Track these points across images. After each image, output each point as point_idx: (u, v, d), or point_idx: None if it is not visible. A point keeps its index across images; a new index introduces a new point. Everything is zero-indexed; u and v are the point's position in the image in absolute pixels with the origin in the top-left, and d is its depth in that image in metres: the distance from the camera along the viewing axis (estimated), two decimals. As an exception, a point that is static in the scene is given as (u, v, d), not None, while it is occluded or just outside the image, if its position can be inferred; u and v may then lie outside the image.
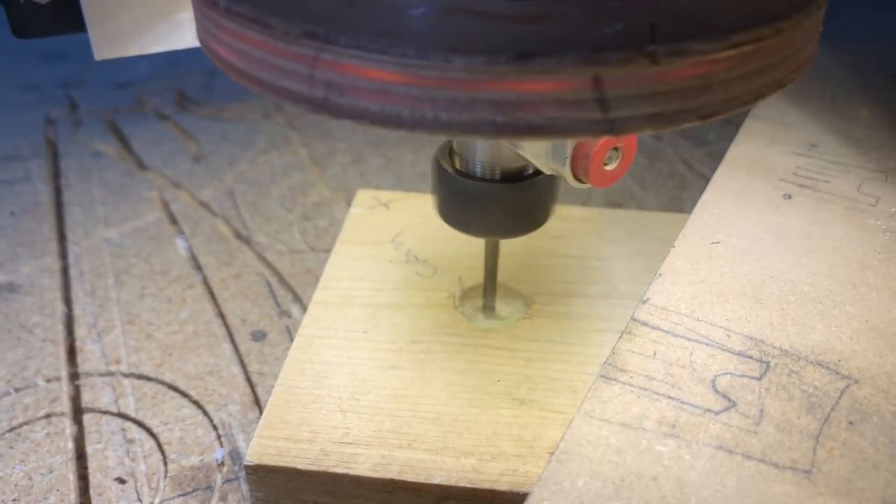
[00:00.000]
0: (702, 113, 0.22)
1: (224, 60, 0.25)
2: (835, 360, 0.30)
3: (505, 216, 0.34)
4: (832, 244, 0.36)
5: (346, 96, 0.22)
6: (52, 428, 0.38)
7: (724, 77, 0.22)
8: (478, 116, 0.21)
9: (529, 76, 0.20)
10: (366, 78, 0.21)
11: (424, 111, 0.21)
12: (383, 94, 0.21)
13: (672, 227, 0.39)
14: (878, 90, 0.51)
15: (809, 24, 0.24)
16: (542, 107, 0.21)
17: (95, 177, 0.60)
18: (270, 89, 0.23)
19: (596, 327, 0.39)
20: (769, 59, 0.23)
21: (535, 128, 0.21)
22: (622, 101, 0.21)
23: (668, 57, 0.21)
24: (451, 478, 0.31)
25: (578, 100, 0.21)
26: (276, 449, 0.32)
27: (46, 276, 0.49)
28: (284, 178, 0.59)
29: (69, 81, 0.74)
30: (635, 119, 0.21)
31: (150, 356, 0.43)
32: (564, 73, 0.20)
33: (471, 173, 0.34)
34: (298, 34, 0.21)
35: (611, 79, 0.21)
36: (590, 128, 0.21)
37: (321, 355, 0.37)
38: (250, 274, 0.49)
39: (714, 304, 0.32)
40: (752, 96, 0.23)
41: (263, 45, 0.23)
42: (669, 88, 0.21)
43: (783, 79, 0.24)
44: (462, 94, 0.21)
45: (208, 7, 0.24)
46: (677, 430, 0.27)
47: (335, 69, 0.21)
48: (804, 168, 0.42)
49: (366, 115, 0.22)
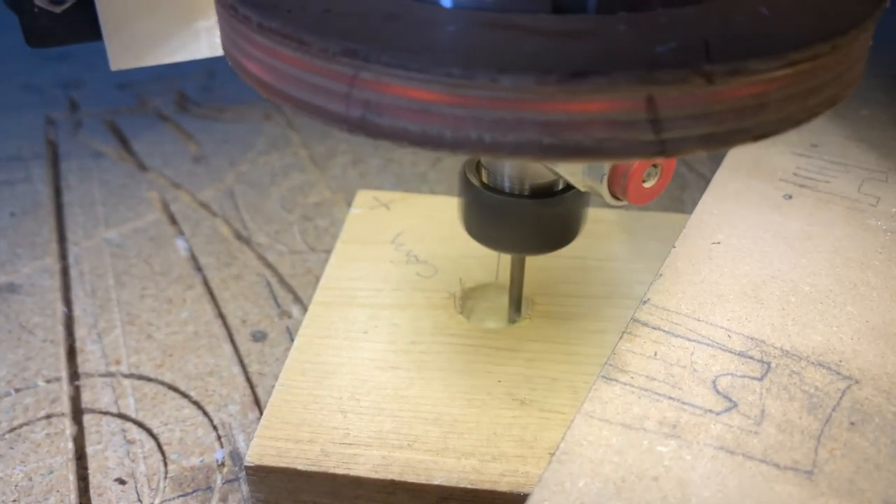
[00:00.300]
0: (756, 133, 0.21)
1: (254, 76, 0.24)
2: (836, 360, 0.30)
3: (532, 232, 0.34)
4: (833, 244, 0.35)
5: (384, 116, 0.21)
6: (52, 428, 0.38)
7: (779, 96, 0.21)
8: (524, 137, 0.20)
9: (580, 96, 0.19)
10: (407, 97, 0.20)
11: (468, 132, 0.20)
12: (425, 113, 0.20)
13: (672, 227, 0.39)
14: (879, 90, 0.51)
15: (864, 39, 0.23)
16: (593, 127, 0.20)
17: (96, 177, 0.59)
18: (304, 108, 0.22)
19: (596, 328, 0.39)
20: (825, 77, 0.22)
21: (584, 149, 0.20)
22: (675, 121, 0.20)
23: (724, 76, 0.20)
24: (451, 478, 0.31)
25: (631, 120, 0.20)
26: (277, 449, 0.32)
27: (47, 276, 0.49)
28: (285, 179, 0.59)
29: (70, 82, 0.74)
30: (688, 140, 0.21)
31: (151, 357, 0.43)
32: (618, 92, 0.19)
33: (498, 188, 0.33)
34: (337, 52, 0.20)
35: (665, 99, 0.20)
36: (641, 149, 0.20)
37: (321, 356, 0.37)
38: (250, 274, 0.49)
39: (715, 304, 0.32)
40: (807, 115, 0.22)
41: (298, 62, 0.22)
42: (724, 108, 0.20)
43: (836, 96, 0.23)
44: (509, 114, 0.20)
45: (239, 21, 0.23)
46: (678, 431, 0.27)
47: (375, 88, 0.21)
48: (804, 168, 0.42)
49: (405, 136, 0.21)
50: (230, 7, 0.23)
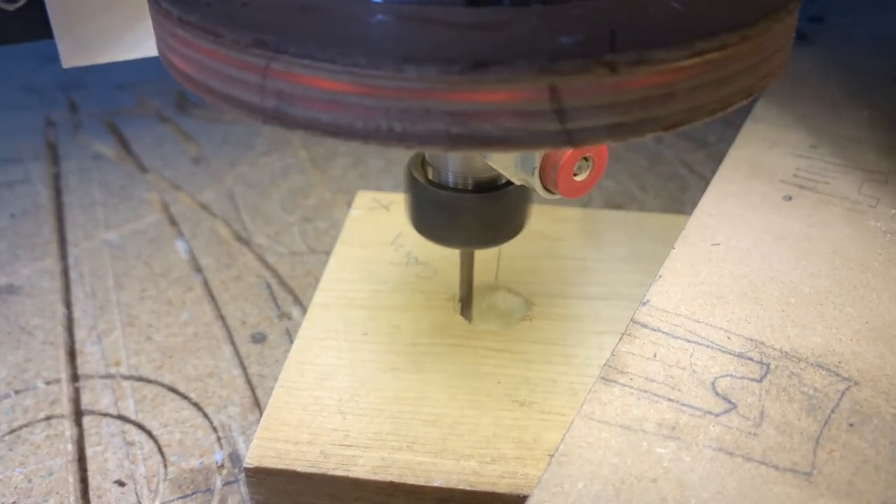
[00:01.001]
0: (665, 123, 0.22)
1: (179, 71, 0.24)
2: (835, 361, 0.30)
3: (478, 226, 0.34)
4: (832, 245, 0.35)
5: (297, 107, 0.21)
6: (51, 430, 0.38)
7: (688, 86, 0.21)
8: (432, 127, 0.20)
9: (484, 86, 0.20)
10: (317, 88, 0.21)
11: (378, 121, 0.21)
12: (335, 104, 0.21)
13: (672, 228, 0.39)
14: (879, 92, 0.51)
15: (780, 30, 0.23)
16: (498, 117, 0.20)
17: (95, 179, 0.60)
18: (223, 99, 0.23)
19: (596, 329, 0.39)
20: (736, 67, 0.22)
21: (492, 139, 0.21)
22: (581, 111, 0.20)
23: (628, 66, 0.20)
24: (450, 480, 0.31)
25: (535, 110, 0.20)
26: (276, 451, 0.32)
27: (46, 278, 0.49)
28: (284, 180, 0.59)
29: (69, 83, 0.74)
30: (595, 130, 0.21)
31: (150, 358, 0.43)
32: (520, 82, 0.20)
33: (443, 183, 0.33)
34: (248, 43, 0.21)
35: (568, 89, 0.20)
36: (548, 139, 0.21)
37: (321, 357, 0.37)
38: (250, 276, 0.49)
39: (714, 305, 0.32)
40: (719, 105, 0.22)
41: (215, 54, 0.22)
42: (630, 98, 0.21)
43: (752, 86, 0.23)
44: (416, 104, 0.20)
45: (163, 17, 0.24)
46: (677, 432, 0.27)
47: (286, 79, 0.21)
48: (804, 169, 0.42)
49: (317, 126, 0.21)
50: (154, 2, 0.24)
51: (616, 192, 0.58)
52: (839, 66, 0.55)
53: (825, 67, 0.55)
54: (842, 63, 0.56)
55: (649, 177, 0.60)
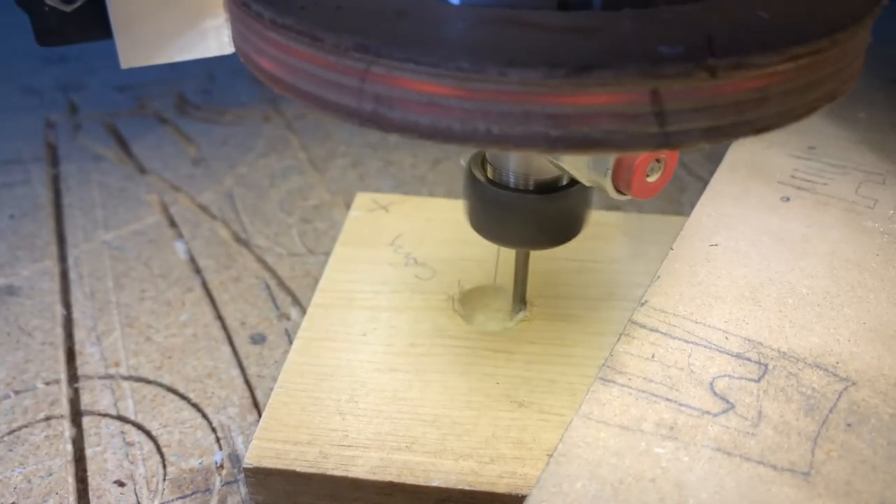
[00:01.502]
0: (758, 126, 0.22)
1: (267, 73, 0.24)
2: (833, 362, 0.30)
3: (537, 227, 0.34)
4: (830, 246, 0.36)
5: (395, 110, 0.21)
6: (51, 431, 0.38)
7: (780, 90, 0.22)
8: (532, 130, 0.21)
9: (587, 89, 0.20)
10: (417, 91, 0.21)
11: (476, 124, 0.21)
12: (435, 107, 0.21)
13: (670, 229, 0.39)
14: (876, 93, 0.51)
15: (862, 35, 0.24)
16: (599, 120, 0.21)
17: (95, 180, 0.60)
18: (316, 102, 0.23)
19: (594, 330, 0.39)
20: (825, 71, 0.22)
21: (591, 141, 0.21)
22: (679, 114, 0.21)
23: (727, 70, 0.20)
24: (449, 480, 0.31)
25: (636, 113, 0.20)
26: (275, 451, 0.32)
27: (46, 279, 0.49)
28: (284, 182, 0.60)
29: (69, 85, 0.74)
30: (692, 132, 0.21)
31: (150, 359, 0.43)
32: (623, 86, 0.20)
33: (503, 183, 0.33)
34: (349, 47, 0.21)
35: (669, 92, 0.20)
36: (646, 141, 0.21)
37: (320, 358, 0.37)
38: (249, 277, 0.49)
39: (712, 306, 0.32)
40: (807, 109, 0.23)
41: (311, 57, 0.22)
42: (727, 102, 0.21)
43: (835, 90, 0.24)
44: (517, 107, 0.20)
45: (251, 18, 0.24)
46: (676, 432, 0.27)
47: (386, 82, 0.21)
48: (802, 170, 0.42)
49: (415, 129, 0.21)
50: (242, 4, 0.24)
51: (615, 193, 0.58)
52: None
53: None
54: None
55: (648, 178, 0.60)
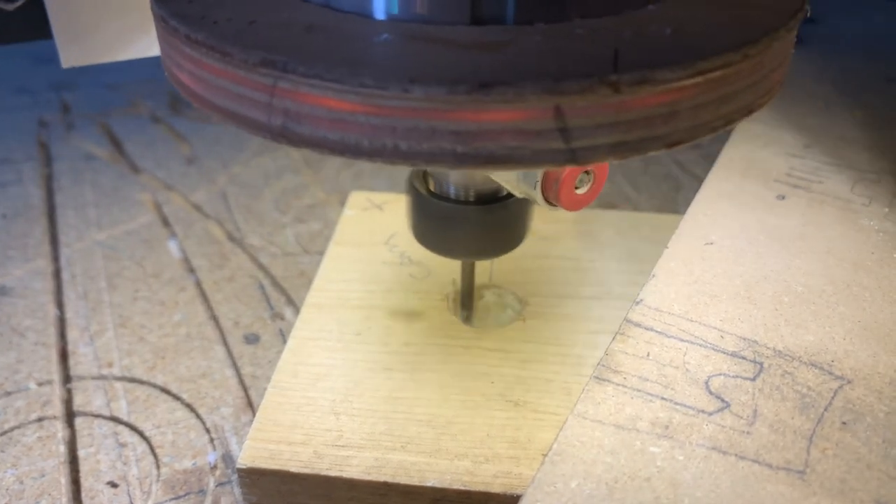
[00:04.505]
0: (668, 140, 0.22)
1: (186, 87, 0.25)
2: (828, 360, 0.30)
3: (480, 238, 0.34)
4: (825, 245, 0.36)
5: (304, 125, 0.21)
6: (43, 431, 0.38)
7: (690, 104, 0.21)
8: (438, 146, 0.21)
9: (489, 106, 0.20)
10: (324, 107, 0.21)
11: (384, 140, 0.21)
12: (342, 123, 0.21)
13: (666, 228, 0.39)
14: (871, 92, 0.51)
15: (779, 48, 0.23)
16: (503, 137, 0.20)
17: (88, 179, 0.59)
18: (230, 117, 0.23)
19: (589, 329, 0.39)
20: (738, 85, 0.22)
21: (497, 158, 0.21)
22: (585, 130, 0.21)
23: (632, 86, 0.20)
24: (444, 480, 0.31)
25: (540, 130, 0.20)
26: (269, 452, 0.32)
27: (38, 279, 0.49)
28: (278, 181, 0.59)
29: (61, 84, 0.73)
30: (599, 148, 0.21)
31: (143, 359, 0.43)
32: (525, 103, 0.20)
33: (445, 195, 0.34)
34: (256, 62, 0.21)
35: (572, 109, 0.20)
36: (552, 157, 0.21)
37: (314, 357, 0.37)
38: (243, 276, 0.49)
39: (708, 304, 0.32)
40: (721, 122, 0.23)
41: (223, 72, 0.22)
42: (633, 117, 0.21)
43: (752, 103, 0.23)
44: (422, 123, 0.20)
45: (169, 34, 0.24)
46: (671, 431, 0.27)
47: (293, 98, 0.21)
48: (797, 169, 0.42)
49: (325, 144, 0.21)
50: (161, 19, 0.24)
51: (610, 192, 0.58)
52: (832, 66, 0.55)
53: (818, 68, 0.55)
54: (835, 63, 0.56)
55: (643, 177, 0.60)
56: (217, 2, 0.25)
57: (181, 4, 0.24)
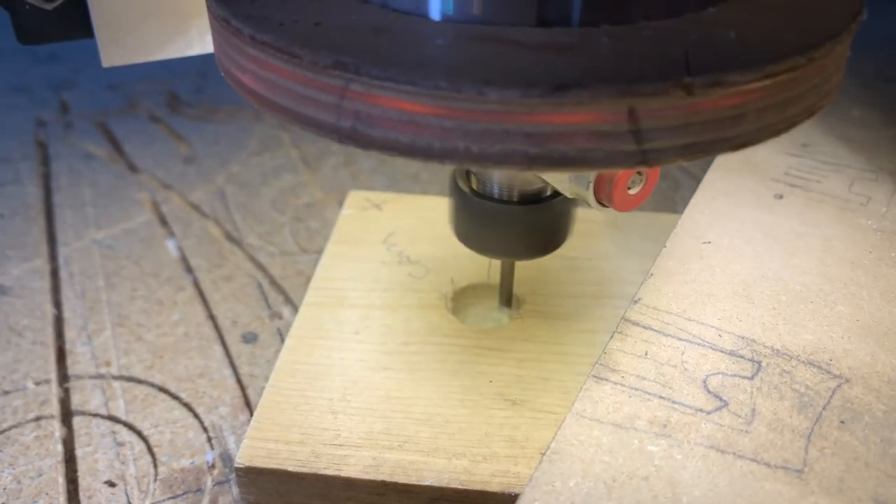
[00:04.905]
0: (736, 142, 0.22)
1: (247, 88, 0.24)
2: (826, 359, 0.30)
3: (522, 238, 0.34)
4: (823, 244, 0.36)
5: (375, 127, 0.21)
6: (41, 431, 0.38)
7: (758, 106, 0.22)
8: (510, 148, 0.21)
9: (564, 109, 0.20)
10: (396, 109, 0.21)
11: (456, 143, 0.21)
12: (414, 125, 0.21)
13: (664, 227, 0.39)
14: (869, 90, 0.51)
15: (840, 51, 0.24)
16: (576, 139, 0.20)
17: (86, 179, 0.59)
18: (296, 118, 0.23)
19: (587, 327, 0.39)
20: (802, 88, 0.23)
21: (568, 159, 0.21)
22: (656, 132, 0.21)
23: (704, 88, 0.20)
24: (442, 479, 0.31)
25: (613, 132, 0.20)
26: (267, 451, 0.32)
27: (36, 278, 0.49)
28: (276, 180, 0.59)
29: (60, 83, 0.73)
30: (669, 150, 0.21)
31: (141, 358, 0.43)
32: (599, 105, 0.20)
33: (488, 194, 0.33)
34: (328, 64, 0.21)
35: (645, 111, 0.20)
36: (623, 159, 0.21)
37: (312, 357, 0.37)
38: (241, 276, 0.49)
39: (705, 303, 0.32)
40: (785, 124, 0.23)
41: (290, 74, 0.22)
42: (704, 119, 0.21)
43: (814, 105, 0.24)
44: (495, 126, 0.20)
45: (231, 34, 0.24)
46: (669, 430, 0.27)
47: (365, 100, 0.21)
48: (795, 168, 0.42)
49: (395, 147, 0.21)
50: (222, 19, 0.24)
51: (608, 191, 0.58)
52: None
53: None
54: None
55: (641, 176, 0.60)
56: (279, 4, 0.24)
57: (244, 5, 0.24)
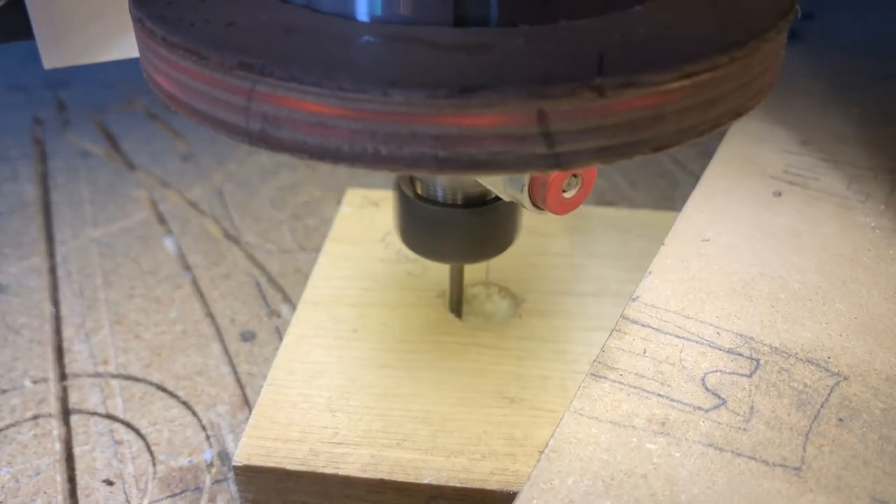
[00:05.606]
0: (654, 144, 0.21)
1: (163, 90, 0.24)
2: (825, 357, 0.30)
3: (468, 241, 0.34)
4: (822, 241, 0.36)
5: (283, 129, 0.21)
6: (39, 429, 0.38)
7: (676, 108, 0.21)
8: (419, 151, 0.20)
9: (471, 111, 0.19)
10: (303, 111, 0.20)
11: (364, 145, 0.20)
12: (321, 127, 0.20)
13: (662, 225, 0.38)
14: (868, 88, 0.51)
15: (768, 50, 0.23)
16: (486, 142, 0.20)
17: (83, 177, 0.59)
18: (208, 121, 0.22)
19: (586, 325, 0.39)
20: (725, 88, 0.22)
21: (479, 163, 0.20)
22: (569, 135, 0.20)
23: (616, 89, 0.20)
24: (440, 477, 0.31)
25: (523, 135, 0.20)
26: (265, 449, 0.32)
27: (34, 276, 0.49)
28: (274, 178, 0.59)
29: (57, 81, 0.73)
30: (583, 153, 0.20)
31: (139, 356, 0.43)
32: (507, 107, 0.19)
33: (432, 198, 0.33)
34: (233, 65, 0.21)
35: (556, 113, 0.20)
36: (535, 163, 0.20)
37: (310, 355, 0.37)
38: (239, 274, 0.49)
39: (704, 301, 0.32)
40: (708, 126, 0.22)
41: (200, 75, 0.22)
42: (618, 121, 0.20)
43: (740, 107, 0.23)
44: (402, 128, 0.20)
45: (146, 35, 0.23)
46: (667, 428, 0.27)
47: (271, 101, 0.20)
48: (794, 165, 0.42)
49: (304, 149, 0.21)
50: (138, 20, 0.24)
51: (607, 189, 0.58)
52: (829, 63, 0.55)
53: (815, 64, 0.55)
54: (831, 60, 0.56)
55: (640, 174, 0.60)
56: (195, 4, 0.24)
57: (159, 6, 0.24)
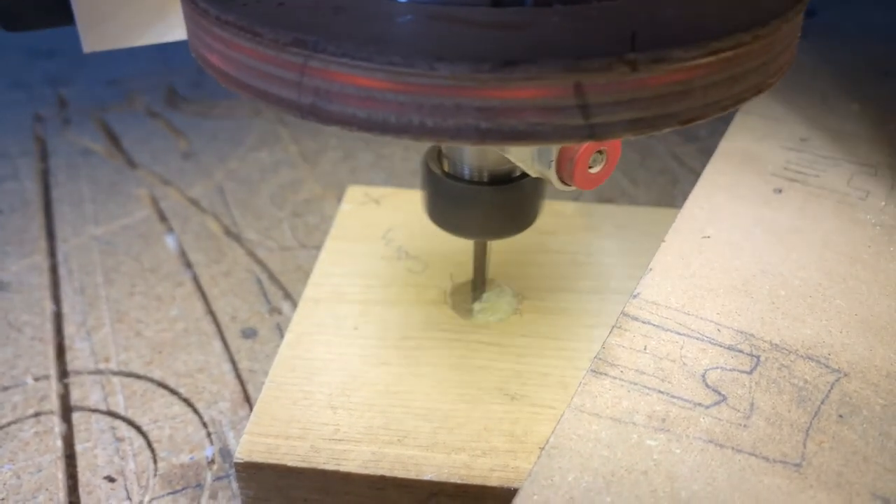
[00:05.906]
0: (682, 118, 0.23)
1: (215, 67, 0.25)
2: (825, 353, 0.30)
3: (493, 218, 0.35)
4: (822, 238, 0.36)
5: (334, 103, 0.22)
6: (40, 426, 0.38)
7: (703, 83, 0.22)
8: (463, 122, 0.21)
9: (512, 83, 0.21)
10: (353, 85, 0.22)
11: (410, 117, 0.22)
12: (370, 100, 0.22)
13: (663, 222, 0.38)
14: (868, 85, 0.51)
15: (788, 30, 0.24)
16: (525, 113, 0.21)
17: (84, 175, 0.59)
18: (260, 95, 0.24)
19: (586, 322, 0.39)
20: (748, 65, 0.23)
21: (519, 133, 0.22)
22: (603, 107, 0.21)
23: (648, 64, 0.21)
24: (441, 474, 0.31)
25: (560, 106, 0.21)
26: (266, 446, 0.32)
27: (35, 274, 0.49)
28: (274, 175, 0.59)
29: (58, 79, 0.73)
30: (616, 125, 0.22)
31: (140, 354, 0.43)
32: (546, 80, 0.21)
33: (459, 175, 0.34)
34: (287, 42, 0.22)
35: (592, 86, 0.21)
36: (571, 133, 0.22)
37: (311, 352, 0.37)
38: (240, 271, 0.49)
39: (704, 298, 0.32)
40: (732, 101, 0.24)
41: (253, 52, 0.23)
42: (649, 95, 0.22)
43: (762, 83, 0.24)
44: (447, 100, 0.21)
45: (199, 15, 0.25)
46: (668, 425, 0.27)
47: (323, 76, 0.22)
48: (794, 162, 0.42)
49: (353, 122, 0.22)
50: (190, 1, 0.25)
51: (607, 186, 0.58)
52: (830, 59, 0.55)
53: (816, 60, 0.55)
54: (832, 56, 0.56)
55: (640, 171, 0.60)
56: None
57: None
